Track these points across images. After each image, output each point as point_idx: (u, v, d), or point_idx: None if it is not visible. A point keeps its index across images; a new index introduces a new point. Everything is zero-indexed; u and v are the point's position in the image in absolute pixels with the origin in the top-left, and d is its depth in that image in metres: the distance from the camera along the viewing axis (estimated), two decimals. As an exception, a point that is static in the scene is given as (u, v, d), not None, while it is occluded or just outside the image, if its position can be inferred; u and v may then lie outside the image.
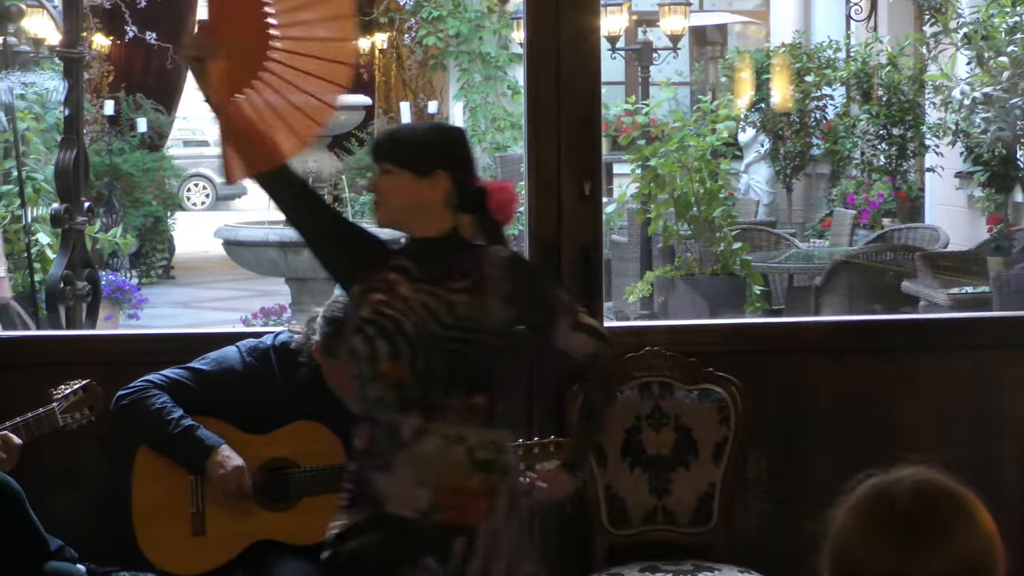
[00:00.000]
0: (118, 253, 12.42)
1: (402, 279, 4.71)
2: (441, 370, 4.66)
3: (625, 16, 17.06)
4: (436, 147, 4.90)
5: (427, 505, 4.68)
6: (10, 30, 11.46)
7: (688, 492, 5.95)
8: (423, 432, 4.65)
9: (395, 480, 4.69)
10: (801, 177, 16.38)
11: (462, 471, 4.70)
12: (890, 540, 2.44)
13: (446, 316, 4.65)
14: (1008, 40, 11.37)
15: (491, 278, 4.72)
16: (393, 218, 4.79)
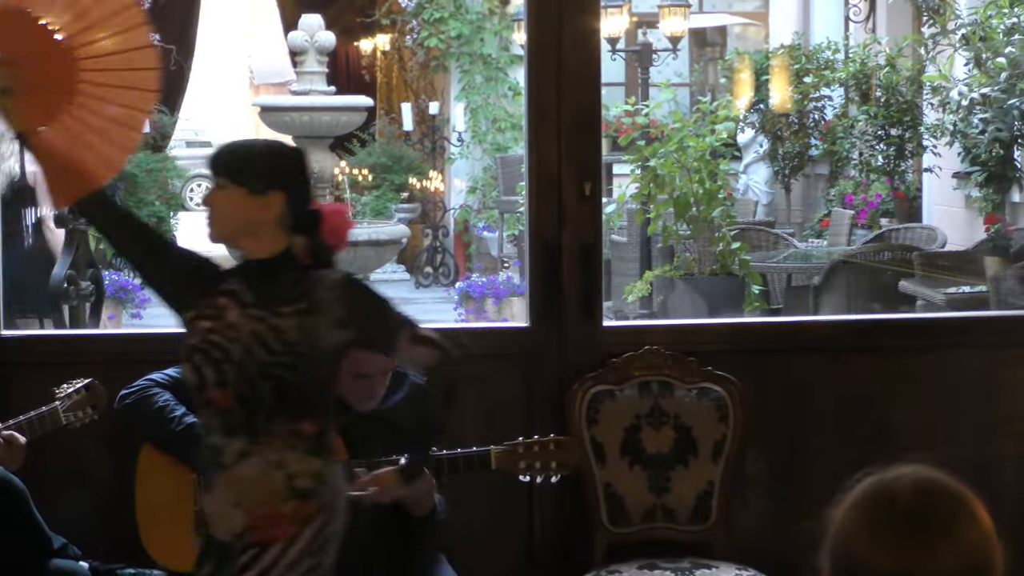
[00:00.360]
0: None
1: (232, 304, 4.70)
2: (267, 396, 4.64)
3: (625, 18, 17.07)
4: (272, 166, 4.87)
5: (241, 528, 4.68)
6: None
7: (687, 490, 5.95)
8: (244, 455, 4.66)
9: (215, 502, 4.72)
10: (799, 177, 16.38)
11: (278, 496, 4.69)
12: (892, 539, 2.44)
13: (274, 342, 4.64)
14: (1006, 41, 11.38)
15: (324, 301, 4.70)
16: (225, 235, 4.78)
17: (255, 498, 4.63)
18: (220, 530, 4.68)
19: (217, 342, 4.63)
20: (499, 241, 16.65)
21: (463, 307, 14.38)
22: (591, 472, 5.89)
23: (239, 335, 4.63)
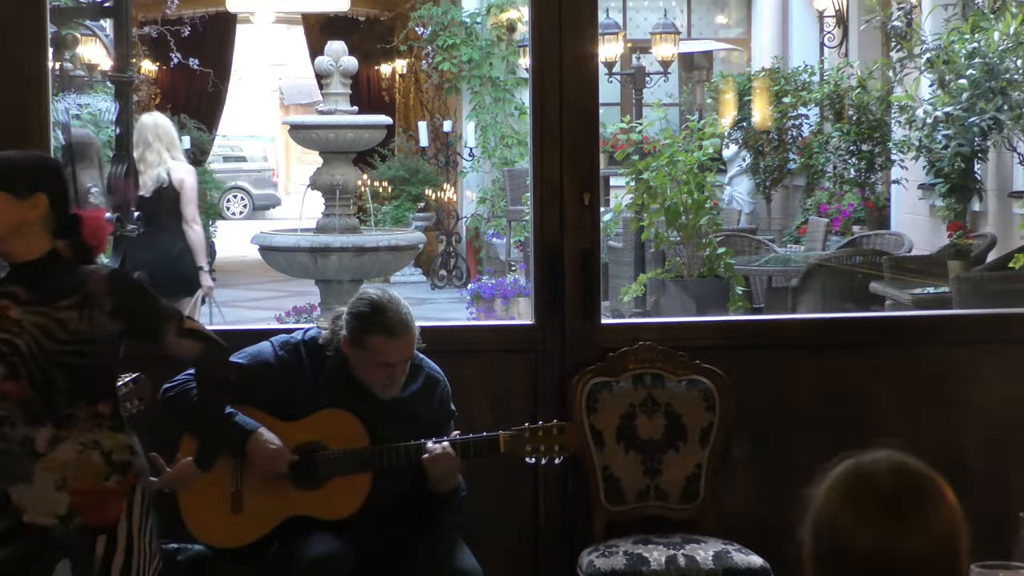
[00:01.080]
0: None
1: (11, 304, 4.64)
2: (62, 382, 4.63)
3: (620, 44, 17.06)
4: (34, 171, 4.82)
5: (66, 509, 4.69)
6: (66, 57, 11.46)
7: (677, 472, 5.94)
8: (58, 440, 4.65)
9: (34, 489, 4.68)
10: (779, 189, 16.37)
11: (100, 473, 4.70)
12: (872, 517, 2.44)
13: (59, 332, 4.61)
14: (967, 64, 11.36)
15: (95, 294, 4.66)
16: None
17: (77, 478, 4.67)
18: (40, 516, 4.72)
19: (4, 338, 4.61)
20: (507, 246, 16.65)
21: (474, 306, 14.36)
22: (590, 456, 5.88)
23: (24, 329, 4.60)
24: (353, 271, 11.49)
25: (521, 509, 5.95)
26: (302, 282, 13.74)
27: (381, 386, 5.34)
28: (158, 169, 10.78)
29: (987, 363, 6.10)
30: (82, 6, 9.44)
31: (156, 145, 10.85)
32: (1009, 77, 11.06)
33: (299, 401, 5.47)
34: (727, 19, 20.55)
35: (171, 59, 16.67)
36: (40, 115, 5.86)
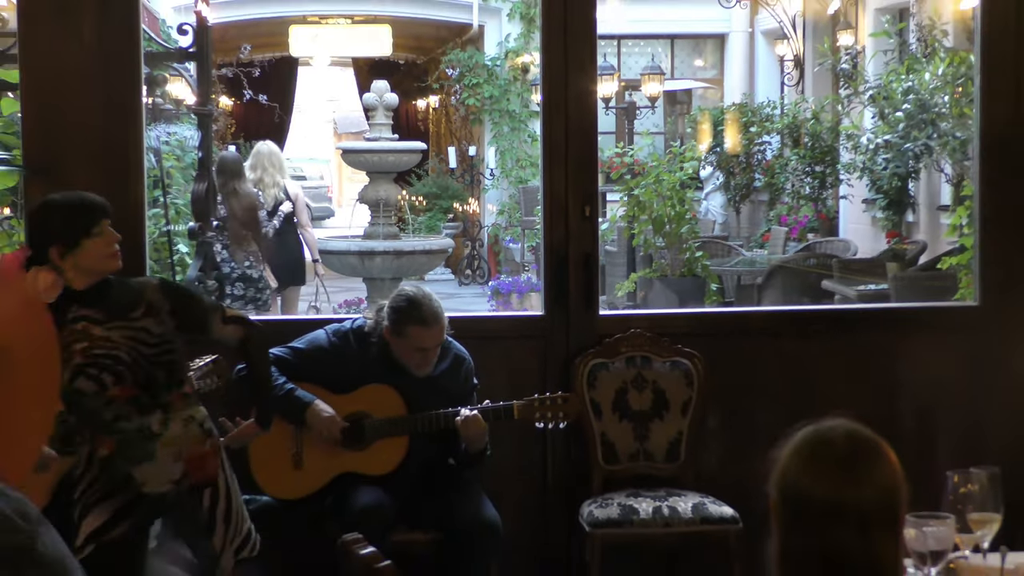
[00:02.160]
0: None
1: (92, 325, 4.57)
2: (163, 377, 4.64)
3: (615, 83, 17.08)
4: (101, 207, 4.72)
5: (180, 474, 4.69)
6: (157, 93, 11.45)
7: (662, 438, 5.93)
8: (167, 421, 4.65)
9: (156, 464, 4.67)
10: (747, 203, 16.33)
11: (200, 440, 4.73)
12: (829, 474, 2.44)
13: (148, 338, 4.60)
14: (903, 100, 11.37)
15: (155, 301, 4.63)
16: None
17: (188, 447, 4.69)
18: (160, 485, 4.69)
19: (102, 353, 4.55)
20: (521, 250, 16.63)
21: (494, 300, 14.36)
22: (590, 424, 5.88)
23: (118, 343, 4.56)
24: (394, 271, 11.50)
25: (532, 468, 5.94)
26: (352, 280, 13.71)
27: (416, 366, 5.40)
28: (274, 189, 11.55)
29: (918, 347, 6.09)
30: (171, 51, 9.44)
31: (271, 169, 11.63)
32: (938, 111, 11.05)
33: (348, 378, 5.50)
34: (704, 62, 20.50)
35: (244, 95, 16.65)
36: (135, 141, 5.86)
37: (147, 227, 6.07)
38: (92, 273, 4.54)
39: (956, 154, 10.89)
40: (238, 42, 16.34)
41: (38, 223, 4.59)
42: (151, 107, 10.66)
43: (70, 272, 4.45)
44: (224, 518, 4.89)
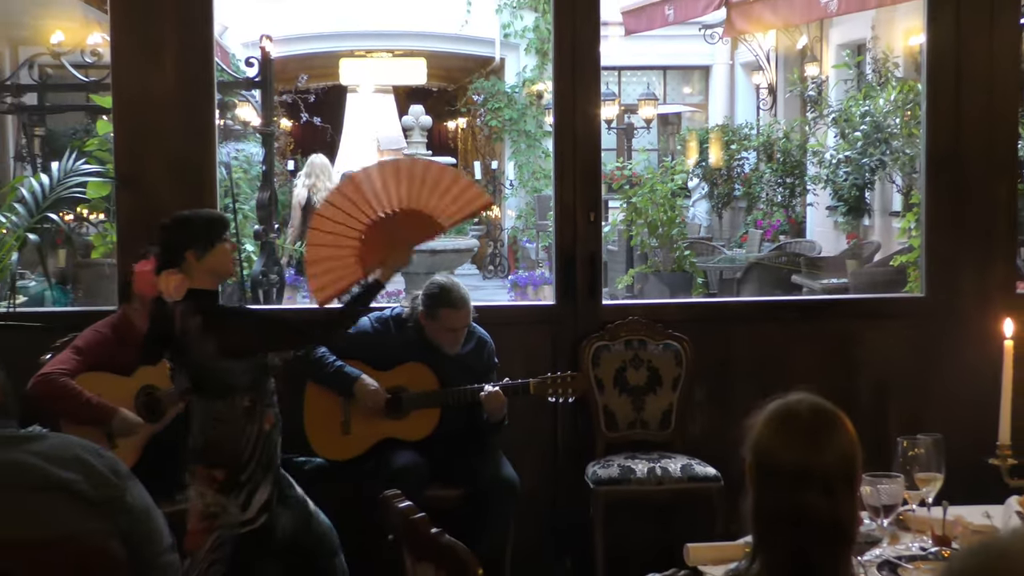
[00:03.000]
0: (295, 257, 12.49)
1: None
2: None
3: (616, 107, 17.06)
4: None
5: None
6: (228, 116, 11.49)
7: (656, 409, 5.93)
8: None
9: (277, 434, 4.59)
10: (728, 209, 16.27)
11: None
12: (796, 440, 2.43)
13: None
14: (860, 122, 11.35)
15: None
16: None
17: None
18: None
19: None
20: (536, 250, 16.58)
21: (513, 291, 14.31)
22: (594, 397, 5.87)
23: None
24: (428, 267, 11.50)
25: (544, 434, 5.94)
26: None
27: (448, 345, 5.41)
28: (323, 192, 12.10)
29: (873, 332, 6.08)
30: (239, 80, 9.45)
31: (322, 177, 12.94)
32: (890, 131, 11.03)
33: (389, 357, 5.51)
34: (691, 89, 20.45)
35: (301, 117, 16.65)
36: (209, 157, 5.87)
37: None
38: (217, 275, 4.49)
39: (906, 168, 10.86)
40: (296, 73, 16.36)
41: (177, 231, 4.45)
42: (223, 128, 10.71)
43: (200, 274, 4.37)
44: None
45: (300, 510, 4.75)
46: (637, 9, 13.82)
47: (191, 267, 4.36)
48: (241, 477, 4.41)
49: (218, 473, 4.36)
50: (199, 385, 4.41)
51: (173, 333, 4.36)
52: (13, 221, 5.94)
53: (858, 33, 14.14)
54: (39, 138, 11.72)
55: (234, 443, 4.39)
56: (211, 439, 4.38)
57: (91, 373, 5.13)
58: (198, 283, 4.38)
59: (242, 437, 4.40)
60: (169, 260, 4.37)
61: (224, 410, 4.39)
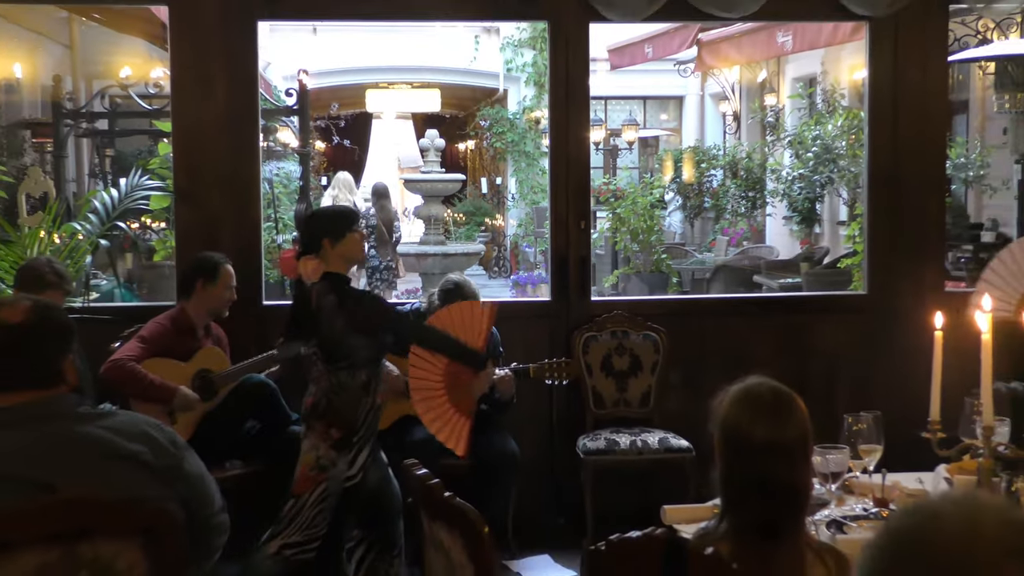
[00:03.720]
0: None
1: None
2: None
3: (603, 131, 17.06)
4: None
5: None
6: (270, 139, 11.48)
7: (637, 390, 5.94)
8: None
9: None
10: (699, 219, 16.25)
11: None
12: (760, 417, 2.44)
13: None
14: (812, 144, 11.34)
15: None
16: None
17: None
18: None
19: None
20: (534, 253, 16.58)
21: (514, 289, 14.34)
22: (584, 380, 5.88)
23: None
24: (441, 268, 11.47)
25: (542, 412, 5.95)
26: (410, 273, 13.74)
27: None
28: (346, 203, 12.61)
29: (823, 324, 6.09)
30: (280, 108, 9.44)
31: (344, 191, 14.08)
32: (837, 152, 11.01)
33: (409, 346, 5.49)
34: (667, 116, 20.43)
35: (333, 140, 16.68)
36: (254, 174, 5.87)
37: (262, 235, 6.08)
38: (349, 260, 4.48)
39: (851, 184, 10.84)
40: (329, 101, 16.35)
41: (315, 222, 4.50)
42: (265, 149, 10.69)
43: (334, 259, 4.39)
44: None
45: (383, 472, 4.74)
46: (620, 47, 13.81)
47: (327, 253, 4.37)
48: (353, 439, 4.43)
49: (335, 432, 4.38)
50: (328, 356, 4.40)
51: (310, 309, 4.36)
52: (87, 229, 5.96)
53: (810, 68, 14.14)
54: (109, 158, 11.73)
55: (352, 410, 4.41)
56: (333, 403, 4.38)
57: (154, 359, 5.15)
58: (332, 267, 4.39)
59: (359, 406, 4.42)
60: (308, 247, 4.40)
61: (347, 381, 4.39)
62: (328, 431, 4.38)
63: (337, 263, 4.41)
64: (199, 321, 5.30)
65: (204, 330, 5.35)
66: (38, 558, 2.64)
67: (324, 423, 4.39)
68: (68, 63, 11.67)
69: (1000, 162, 10.66)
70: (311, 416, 4.41)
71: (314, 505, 4.40)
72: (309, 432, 4.41)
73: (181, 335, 5.23)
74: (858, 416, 3.45)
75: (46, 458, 2.73)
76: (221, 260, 5.34)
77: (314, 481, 4.38)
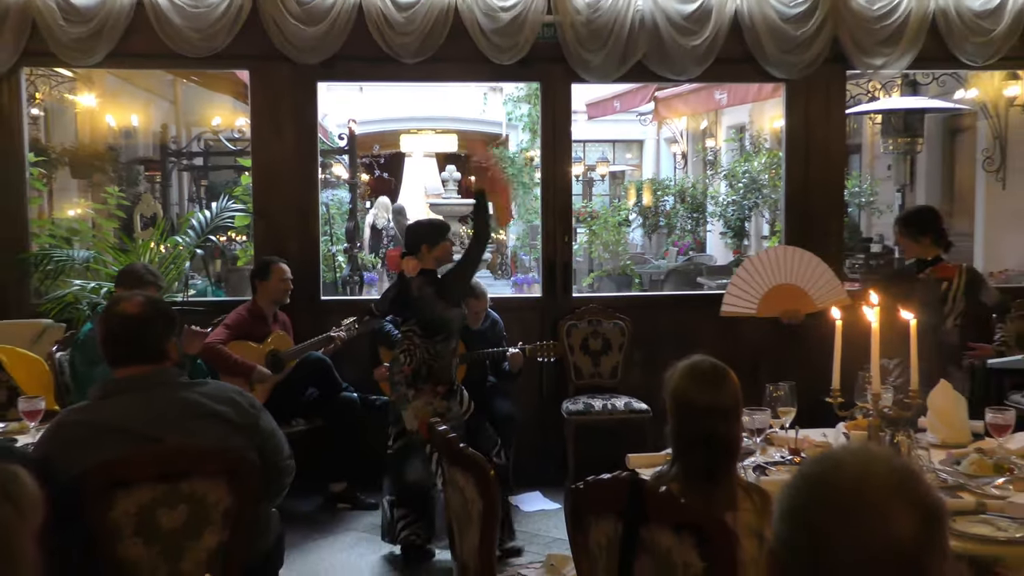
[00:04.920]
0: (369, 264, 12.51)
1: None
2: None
3: (582, 166, 17.04)
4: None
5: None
6: (326, 172, 11.47)
7: (608, 364, 5.92)
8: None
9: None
10: (655, 234, 16.25)
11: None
12: (703, 386, 2.42)
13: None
14: (742, 177, 11.34)
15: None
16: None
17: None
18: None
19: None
20: (529, 260, 16.55)
21: (513, 288, 14.31)
22: (567, 357, 5.87)
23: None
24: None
25: (534, 384, 5.94)
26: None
27: (471, 323, 5.31)
28: (383, 220, 12.42)
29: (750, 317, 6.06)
30: (334, 148, 9.43)
31: (382, 211, 13.68)
32: (761, 183, 11.01)
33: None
34: (631, 155, 20.38)
35: (375, 172, 16.64)
36: (314, 199, 5.87)
37: (320, 246, 6.08)
38: (439, 261, 4.50)
39: (772, 207, 10.83)
40: (372, 143, 16.30)
41: (417, 232, 4.50)
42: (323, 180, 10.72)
43: (429, 260, 4.43)
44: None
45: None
46: (595, 102, 13.83)
47: (424, 255, 4.43)
48: (454, 388, 4.47)
49: (440, 388, 4.41)
50: (426, 331, 4.41)
51: (409, 296, 4.39)
52: (186, 241, 5.96)
53: (740, 119, 14.14)
54: (203, 187, 11.73)
55: (448, 370, 4.45)
56: (433, 368, 4.41)
57: (236, 341, 5.14)
58: (427, 265, 4.44)
59: (451, 366, 4.47)
60: (410, 250, 4.45)
61: (442, 349, 4.42)
62: (435, 388, 4.41)
63: (431, 263, 4.46)
64: (267, 310, 5.30)
65: (273, 317, 5.35)
66: (149, 493, 2.65)
67: (430, 384, 4.41)
68: (172, 115, 11.67)
69: (885, 191, 10.72)
70: (416, 381, 4.42)
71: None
72: (418, 392, 4.42)
73: (255, 321, 5.24)
74: (777, 385, 3.44)
75: (155, 417, 2.73)
76: (272, 260, 5.35)
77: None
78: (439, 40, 5.54)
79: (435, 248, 4.44)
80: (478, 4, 5.54)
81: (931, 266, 4.54)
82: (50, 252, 5.62)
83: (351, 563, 4.65)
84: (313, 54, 5.53)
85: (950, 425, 3.49)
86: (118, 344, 2.78)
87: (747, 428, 3.21)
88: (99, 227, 6.87)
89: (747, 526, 2.36)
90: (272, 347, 5.27)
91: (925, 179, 10.29)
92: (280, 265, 5.32)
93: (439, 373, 4.41)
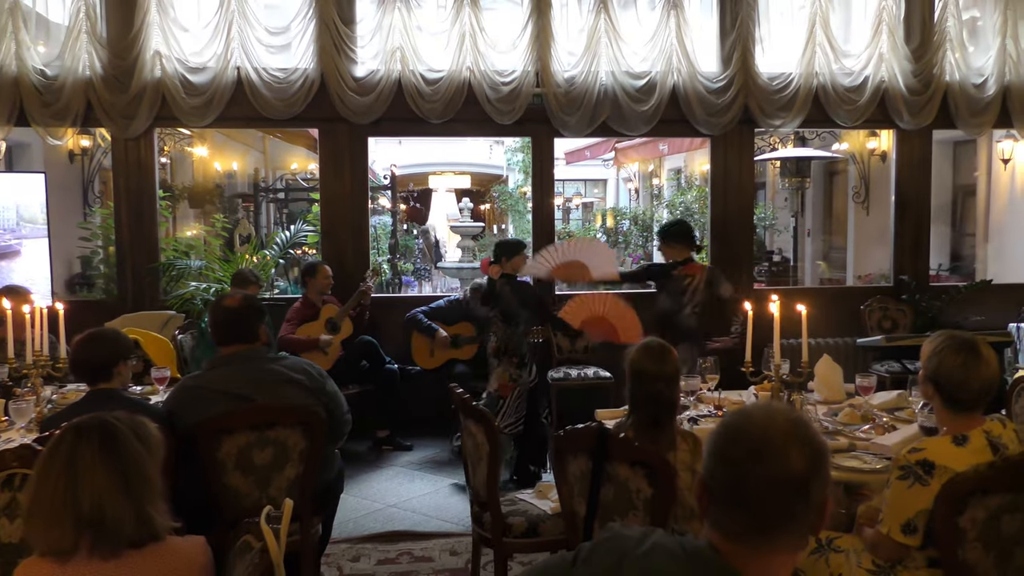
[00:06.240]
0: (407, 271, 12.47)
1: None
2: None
3: (562, 199, 16.99)
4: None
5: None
6: (374, 203, 11.42)
7: (581, 344, 5.89)
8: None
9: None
10: (616, 248, 16.20)
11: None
12: (653, 360, 2.41)
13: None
14: (679, 206, 11.31)
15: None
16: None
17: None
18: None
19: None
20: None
21: (512, 287, 14.24)
22: (551, 339, 5.82)
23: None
24: (470, 277, 11.33)
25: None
26: (452, 281, 13.68)
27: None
28: (423, 240, 11.85)
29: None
30: (379, 186, 9.39)
31: (429, 232, 12.26)
32: (693, 211, 10.99)
33: (451, 319, 5.45)
34: (598, 190, 20.31)
35: (410, 203, 16.59)
36: (365, 223, 5.84)
37: (370, 258, 6.06)
38: (516, 269, 4.41)
39: (701, 229, 10.82)
40: (408, 182, 16.27)
41: (500, 246, 4.45)
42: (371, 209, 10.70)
43: (508, 267, 4.38)
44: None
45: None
46: (572, 151, 13.83)
47: (504, 264, 4.39)
48: (526, 360, 4.43)
49: (515, 359, 4.39)
50: (505, 319, 4.38)
51: (495, 294, 4.37)
52: (273, 254, 5.94)
53: (678, 163, 14.12)
54: (285, 214, 11.70)
55: (521, 347, 4.40)
56: (510, 345, 4.38)
57: (303, 326, 5.15)
58: (507, 271, 4.39)
59: (524, 344, 4.42)
60: (496, 259, 4.45)
61: (518, 332, 4.40)
62: (512, 360, 4.38)
63: (509, 269, 4.42)
64: (315, 299, 5.30)
65: (321, 303, 5.35)
66: (245, 438, 2.66)
67: (508, 356, 4.40)
68: (263, 161, 11.65)
69: (782, 216, 10.72)
70: (500, 354, 4.39)
71: (515, 400, 4.41)
72: (501, 362, 4.39)
73: (307, 309, 5.27)
74: (707, 358, 3.44)
75: (248, 382, 2.74)
76: (317, 262, 5.35)
77: (511, 388, 4.41)
78: (457, 106, 5.54)
79: (512, 259, 4.41)
80: (485, 79, 5.55)
81: (682, 265, 4.56)
82: (173, 262, 5.64)
83: (392, 489, 4.66)
84: (365, 117, 5.53)
85: (830, 387, 3.50)
86: (223, 329, 2.80)
87: (683, 390, 3.20)
88: (209, 244, 6.87)
89: (683, 463, 2.36)
90: (327, 316, 5.27)
91: (811, 208, 10.32)
92: (324, 267, 5.32)
93: (515, 349, 4.40)
